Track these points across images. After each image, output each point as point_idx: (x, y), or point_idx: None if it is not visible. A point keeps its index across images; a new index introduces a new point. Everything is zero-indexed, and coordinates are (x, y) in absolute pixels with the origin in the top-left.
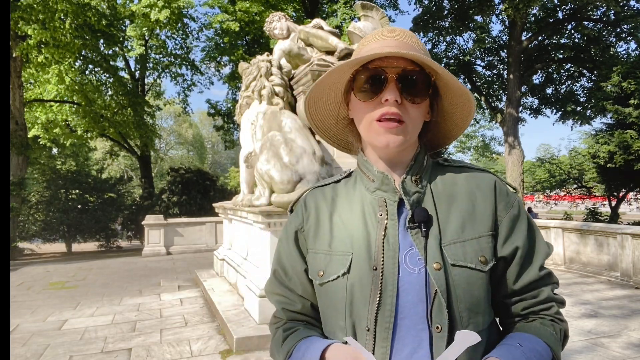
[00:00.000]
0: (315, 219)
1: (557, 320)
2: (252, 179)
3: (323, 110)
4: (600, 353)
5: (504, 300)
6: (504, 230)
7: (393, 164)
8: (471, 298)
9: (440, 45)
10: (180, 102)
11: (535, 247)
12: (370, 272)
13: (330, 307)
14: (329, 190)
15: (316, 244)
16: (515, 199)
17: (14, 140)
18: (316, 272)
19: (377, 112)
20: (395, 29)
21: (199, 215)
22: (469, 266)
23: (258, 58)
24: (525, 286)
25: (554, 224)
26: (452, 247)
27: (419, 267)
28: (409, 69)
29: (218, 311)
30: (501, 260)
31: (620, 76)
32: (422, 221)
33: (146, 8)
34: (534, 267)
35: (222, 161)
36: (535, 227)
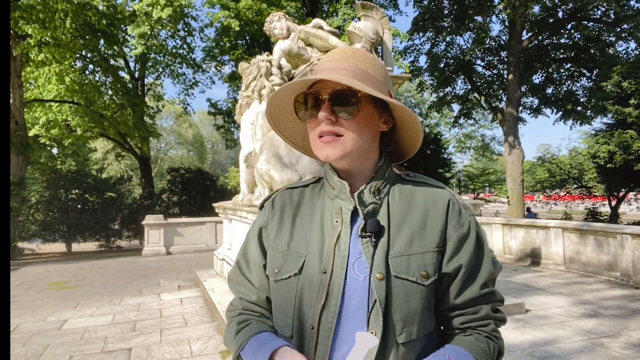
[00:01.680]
0: (279, 218)
1: (492, 337)
2: (252, 178)
3: (290, 122)
4: (600, 353)
5: (446, 313)
6: (450, 247)
7: (352, 175)
8: (408, 309)
9: (440, 45)
10: (181, 102)
11: (481, 266)
12: (320, 274)
13: (281, 304)
14: (296, 193)
15: (276, 243)
16: (466, 218)
17: (14, 140)
18: (272, 269)
19: (317, 130)
20: (351, 50)
21: (199, 215)
22: (409, 279)
23: (258, 58)
24: (466, 302)
25: (554, 224)
26: (398, 259)
27: (364, 275)
28: (338, 89)
29: (218, 311)
30: (445, 275)
31: (620, 76)
32: (373, 231)
33: (148, 7)
34: (476, 285)
35: (222, 161)
36: (483, 247)
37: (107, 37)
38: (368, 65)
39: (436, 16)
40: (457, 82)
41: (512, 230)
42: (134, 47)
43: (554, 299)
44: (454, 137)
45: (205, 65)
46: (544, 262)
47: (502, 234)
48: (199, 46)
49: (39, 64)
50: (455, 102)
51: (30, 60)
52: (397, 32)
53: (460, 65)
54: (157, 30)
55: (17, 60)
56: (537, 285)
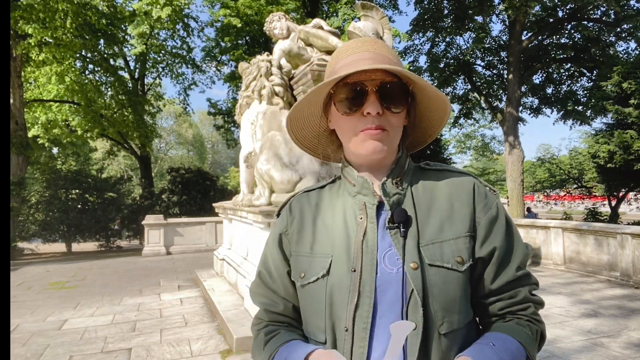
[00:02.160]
0: (299, 222)
1: (533, 320)
2: (252, 178)
3: (304, 125)
4: (600, 353)
5: (482, 300)
6: (482, 231)
7: (375, 169)
8: (446, 297)
9: (439, 45)
10: (181, 102)
11: (514, 248)
12: (349, 273)
13: (311, 308)
14: (313, 196)
15: (299, 247)
16: (493, 201)
17: (14, 140)
18: (298, 274)
19: (361, 124)
20: (368, 39)
21: (199, 215)
22: (445, 266)
23: (258, 58)
24: (503, 286)
25: (554, 223)
26: (430, 247)
27: (397, 267)
28: (387, 80)
29: (218, 311)
30: (479, 260)
31: (620, 76)
32: (401, 221)
33: (148, 6)
34: (512, 268)
35: (222, 161)
36: (514, 228)
37: (107, 37)
38: (390, 53)
39: (436, 16)
40: (457, 82)
41: None
42: (133, 47)
43: (554, 299)
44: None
45: (206, 65)
46: (544, 262)
47: None
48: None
49: (39, 64)
50: (455, 102)
51: (30, 60)
52: (397, 33)
53: (460, 65)
54: (156, 31)
55: (17, 60)
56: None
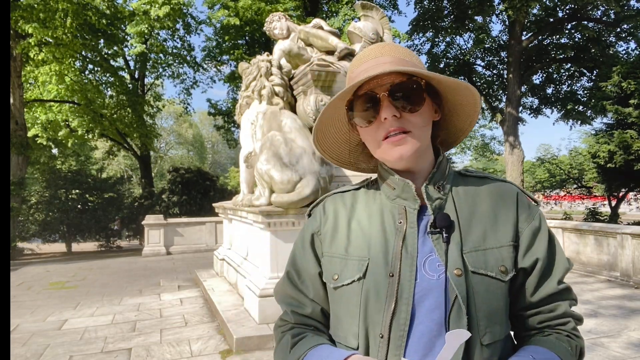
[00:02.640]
0: (333, 223)
1: (573, 336)
2: (252, 179)
3: (333, 141)
4: (600, 353)
5: (521, 313)
6: (525, 241)
7: (412, 173)
8: (489, 307)
9: (439, 45)
10: (181, 102)
11: (555, 261)
12: (387, 278)
13: (344, 311)
14: (348, 197)
15: (332, 248)
16: (537, 212)
17: (14, 140)
18: (331, 275)
19: (381, 132)
20: (386, 45)
21: (199, 215)
22: (489, 275)
23: (258, 58)
24: (543, 299)
25: (554, 223)
26: (474, 254)
27: (438, 273)
28: (396, 82)
29: (218, 311)
30: (521, 271)
31: (620, 76)
32: (444, 226)
33: (146, 5)
34: (553, 280)
35: (222, 161)
36: (555, 241)
37: (107, 37)
38: (407, 55)
39: (436, 16)
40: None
41: None
42: (133, 47)
43: None
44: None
45: (206, 65)
46: None
47: None
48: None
49: (39, 63)
50: None
51: (30, 59)
52: (397, 33)
53: (460, 65)
54: (156, 31)
55: (17, 60)
56: None
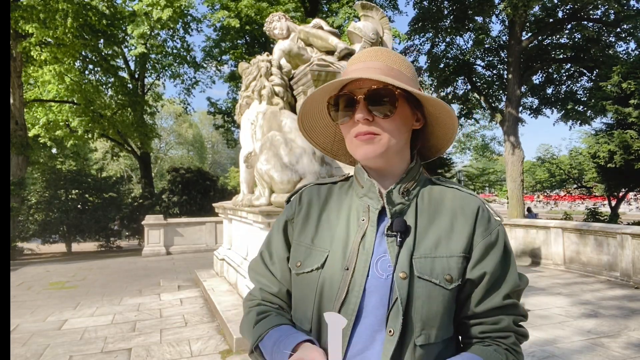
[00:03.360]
0: (305, 213)
1: (512, 350)
2: (252, 179)
3: (320, 133)
4: (600, 353)
5: (465, 321)
6: (476, 254)
7: (382, 175)
8: (428, 311)
9: (439, 45)
10: (181, 102)
11: (506, 277)
12: (342, 271)
13: (302, 297)
14: (324, 190)
15: (301, 237)
16: (495, 227)
17: (14, 140)
18: (295, 262)
19: (353, 131)
20: (378, 50)
21: (199, 215)
22: (433, 281)
23: (258, 58)
24: (487, 311)
25: (554, 224)
26: (422, 260)
27: (387, 273)
28: (374, 88)
29: (218, 311)
30: (468, 282)
31: (620, 76)
32: (399, 231)
33: (148, 7)
34: (499, 295)
35: (222, 161)
36: (511, 258)
37: (107, 37)
38: (398, 63)
39: (436, 16)
40: (457, 82)
41: (512, 230)
42: (133, 47)
43: (554, 299)
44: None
45: (206, 65)
46: (543, 262)
47: None
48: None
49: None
50: (455, 102)
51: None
52: (396, 33)
53: (460, 65)
54: (156, 31)
55: (17, 60)
56: (537, 285)
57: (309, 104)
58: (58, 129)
